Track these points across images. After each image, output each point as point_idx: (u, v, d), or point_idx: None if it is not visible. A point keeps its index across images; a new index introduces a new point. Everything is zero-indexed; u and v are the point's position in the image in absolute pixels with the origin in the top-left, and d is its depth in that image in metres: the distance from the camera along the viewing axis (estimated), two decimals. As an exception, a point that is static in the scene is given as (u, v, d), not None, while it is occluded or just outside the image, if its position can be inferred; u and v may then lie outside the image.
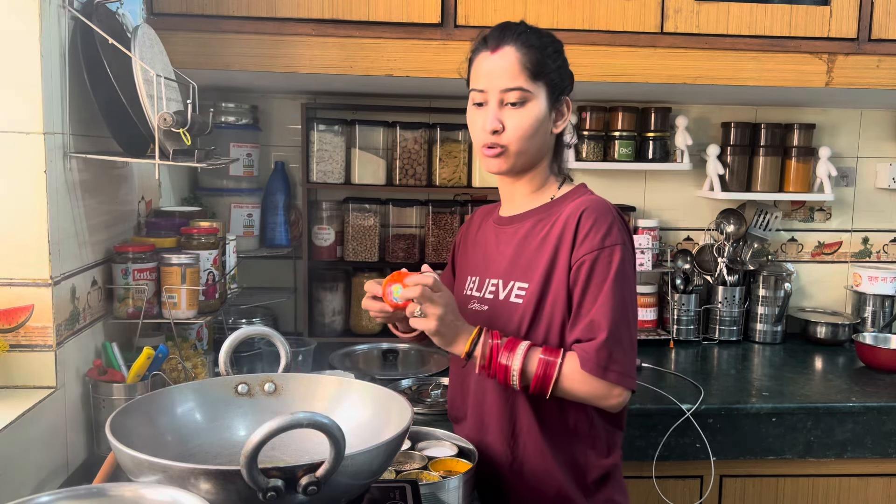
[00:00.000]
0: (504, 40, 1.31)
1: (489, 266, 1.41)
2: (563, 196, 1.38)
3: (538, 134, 1.32)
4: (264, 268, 2.35)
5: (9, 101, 1.23)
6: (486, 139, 1.32)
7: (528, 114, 1.30)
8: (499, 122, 1.30)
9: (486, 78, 1.31)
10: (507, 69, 1.30)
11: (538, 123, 1.31)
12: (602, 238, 1.27)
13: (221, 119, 2.18)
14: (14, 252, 1.25)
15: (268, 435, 0.76)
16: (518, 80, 1.30)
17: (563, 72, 1.35)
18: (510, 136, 1.31)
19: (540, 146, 1.35)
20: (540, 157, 1.37)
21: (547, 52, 1.32)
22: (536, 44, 1.31)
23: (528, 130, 1.31)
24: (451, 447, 1.35)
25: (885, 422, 1.84)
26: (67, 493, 0.82)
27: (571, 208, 1.32)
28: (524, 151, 1.33)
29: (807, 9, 1.91)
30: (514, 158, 1.33)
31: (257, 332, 1.22)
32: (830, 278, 2.56)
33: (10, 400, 1.23)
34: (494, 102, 1.31)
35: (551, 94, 1.33)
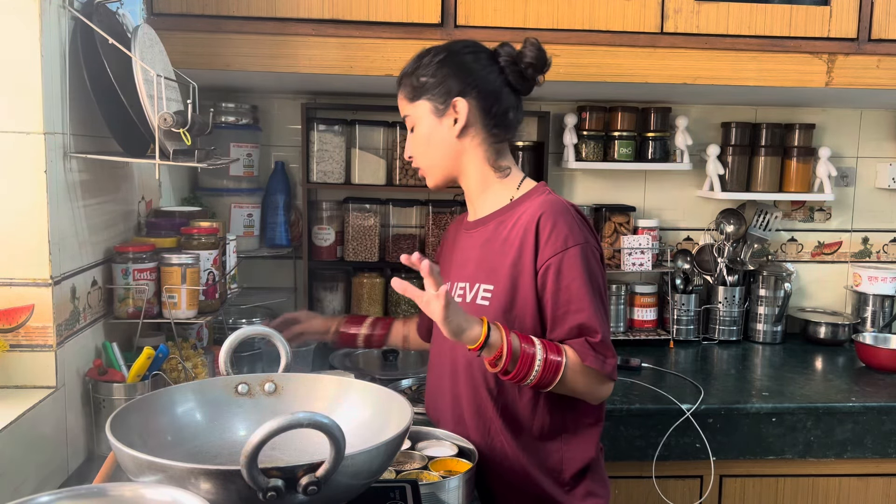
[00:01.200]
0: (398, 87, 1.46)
1: (457, 270, 1.47)
2: (522, 197, 1.41)
3: (433, 145, 1.42)
4: (264, 268, 2.35)
5: (9, 101, 1.23)
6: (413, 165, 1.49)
7: (417, 134, 1.44)
8: (407, 150, 1.48)
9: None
10: (400, 106, 1.46)
11: (427, 138, 1.42)
12: (564, 240, 1.30)
13: (221, 119, 2.18)
14: (14, 252, 1.25)
15: (268, 435, 0.76)
16: (403, 110, 1.45)
17: (443, 77, 1.39)
18: (417, 158, 1.46)
19: (445, 153, 1.43)
20: (457, 161, 1.43)
21: (417, 73, 1.41)
22: (408, 71, 1.43)
23: (420, 146, 1.44)
24: (451, 447, 1.35)
25: (885, 422, 1.84)
26: (67, 493, 0.82)
27: (530, 211, 1.35)
28: (432, 165, 1.45)
29: (807, 9, 1.91)
30: (429, 173, 1.46)
31: (257, 332, 1.22)
32: (830, 278, 2.56)
33: (10, 400, 1.23)
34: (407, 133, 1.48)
35: (434, 105, 1.40)
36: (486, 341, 1.21)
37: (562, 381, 1.27)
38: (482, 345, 1.21)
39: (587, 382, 1.30)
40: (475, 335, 1.21)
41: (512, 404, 1.37)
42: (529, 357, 1.24)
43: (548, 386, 1.27)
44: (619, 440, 1.78)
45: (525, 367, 1.24)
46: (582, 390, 1.31)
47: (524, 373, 1.25)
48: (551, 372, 1.25)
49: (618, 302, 2.36)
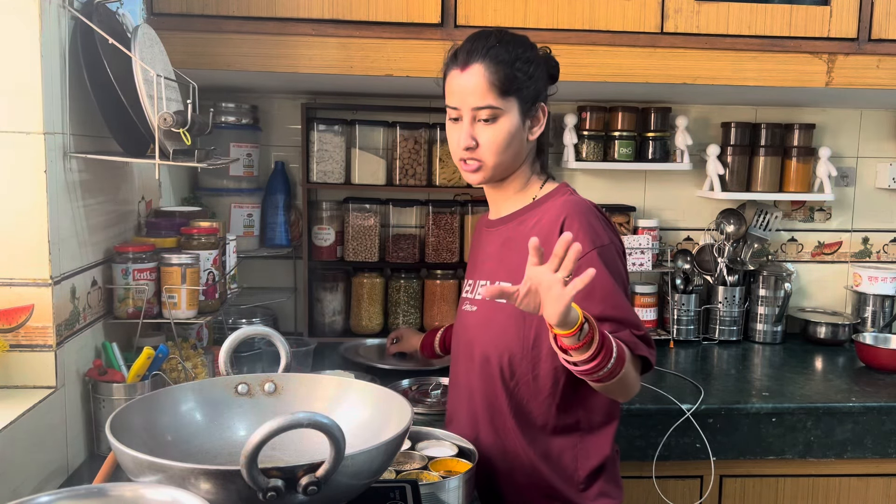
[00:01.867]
0: (472, 58, 1.33)
1: (479, 268, 1.46)
2: (545, 196, 1.41)
3: (512, 145, 1.35)
4: (264, 268, 2.35)
5: (9, 101, 1.23)
6: (462, 154, 1.37)
7: (500, 129, 1.33)
8: (472, 139, 1.34)
9: (458, 96, 1.34)
10: (476, 88, 1.32)
11: (511, 137, 1.34)
12: (590, 241, 1.29)
13: (221, 119, 2.18)
14: (14, 252, 1.25)
15: (268, 435, 0.76)
16: (487, 99, 1.32)
17: (535, 80, 1.36)
18: (484, 152, 1.35)
19: (516, 155, 1.38)
20: (518, 163, 1.40)
21: (516, 66, 1.33)
22: (505, 59, 1.32)
23: (502, 145, 1.34)
24: (451, 447, 1.35)
25: (885, 422, 1.84)
26: (67, 493, 0.82)
27: (554, 211, 1.35)
28: (500, 164, 1.36)
29: (807, 9, 1.91)
30: (490, 171, 1.37)
31: (257, 332, 1.22)
32: (830, 278, 2.56)
33: (10, 400, 1.23)
34: (467, 119, 1.34)
35: (523, 106, 1.35)
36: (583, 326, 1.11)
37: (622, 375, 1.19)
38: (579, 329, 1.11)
39: (634, 376, 1.26)
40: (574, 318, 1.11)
41: (526, 402, 1.36)
42: (610, 346, 1.16)
43: (612, 377, 1.18)
44: (619, 440, 1.77)
45: (607, 356, 1.15)
46: (629, 384, 1.25)
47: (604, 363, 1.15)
48: (620, 363, 1.17)
49: (618, 302, 2.36)
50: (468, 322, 1.44)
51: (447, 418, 1.54)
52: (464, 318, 1.46)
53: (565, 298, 1.05)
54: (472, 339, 1.42)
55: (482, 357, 1.39)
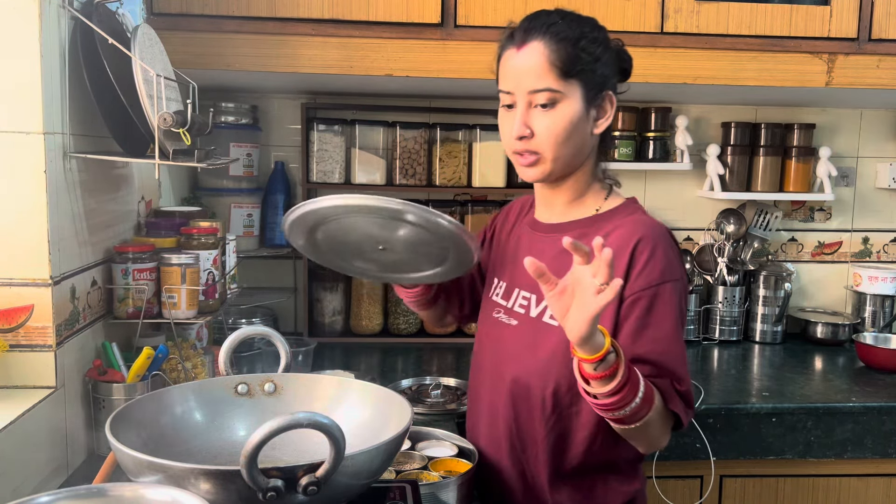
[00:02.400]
0: (531, 35, 1.17)
1: (519, 275, 1.28)
2: (612, 211, 1.25)
3: (574, 137, 1.19)
4: (264, 268, 2.35)
5: (9, 101, 1.23)
6: (516, 145, 1.21)
7: (559, 116, 1.17)
8: (526, 128, 1.18)
9: (513, 78, 1.19)
10: (534, 68, 1.16)
11: (572, 126, 1.18)
12: (661, 272, 1.15)
13: (221, 119, 2.18)
14: (14, 252, 1.25)
15: (268, 435, 0.76)
16: (546, 80, 1.16)
17: (603, 64, 1.20)
18: (541, 142, 1.18)
19: (578, 150, 1.21)
20: (579, 161, 1.24)
21: (581, 44, 1.17)
22: (569, 36, 1.17)
23: (561, 134, 1.18)
24: (451, 447, 1.35)
25: (885, 422, 1.84)
26: (67, 493, 0.82)
27: (623, 231, 1.19)
28: (559, 157, 1.20)
29: (807, 9, 1.91)
30: (550, 165, 1.20)
31: (257, 332, 1.22)
32: (830, 278, 2.56)
33: (10, 400, 1.23)
34: (522, 105, 1.19)
35: (588, 92, 1.19)
36: (607, 355, 1.01)
37: (646, 421, 1.08)
38: (602, 357, 1.00)
39: (661, 428, 1.14)
40: (599, 343, 1.01)
41: (565, 437, 1.21)
42: (636, 384, 1.05)
43: (634, 421, 1.08)
44: (619, 440, 1.78)
45: (631, 394, 1.04)
46: (653, 434, 1.14)
47: (627, 401, 1.04)
48: (646, 407, 1.07)
49: (618, 302, 2.36)
50: (503, 336, 1.28)
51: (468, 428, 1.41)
52: (496, 330, 1.29)
53: (594, 307, 0.96)
54: (507, 357, 1.26)
55: (518, 382, 1.23)
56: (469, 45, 1.83)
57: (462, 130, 2.27)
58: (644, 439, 1.15)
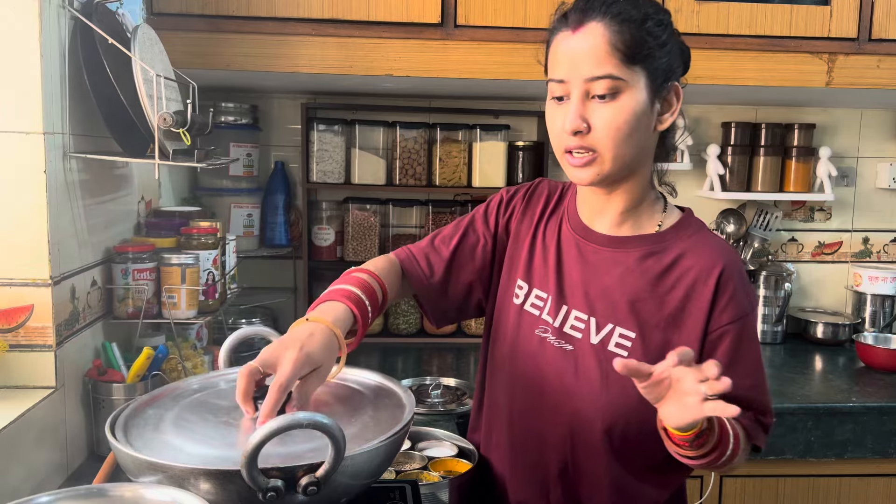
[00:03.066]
0: (589, 14, 1.03)
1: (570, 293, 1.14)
2: (675, 227, 1.14)
3: (637, 133, 1.04)
4: (264, 268, 2.35)
5: (9, 101, 1.23)
6: (568, 142, 1.05)
7: (621, 108, 1.02)
8: (582, 121, 1.03)
9: (567, 65, 1.04)
10: (593, 52, 1.01)
11: (636, 120, 1.03)
12: (747, 304, 1.09)
13: (221, 119, 2.18)
14: (14, 252, 1.25)
15: (268, 435, 0.76)
16: (607, 66, 1.01)
17: (669, 51, 1.06)
18: (600, 138, 1.03)
19: (640, 149, 1.07)
20: (639, 162, 1.09)
21: (647, 26, 1.03)
22: (633, 16, 1.02)
23: (623, 129, 1.03)
24: (451, 447, 1.35)
25: (885, 422, 1.84)
26: (67, 493, 0.82)
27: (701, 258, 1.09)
28: (620, 156, 1.04)
29: (807, 9, 1.91)
30: (608, 166, 1.05)
31: (257, 332, 1.22)
32: (831, 278, 2.56)
33: (10, 400, 1.23)
34: (578, 95, 1.03)
35: (653, 81, 1.04)
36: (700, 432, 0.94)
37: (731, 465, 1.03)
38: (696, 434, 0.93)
39: (741, 459, 1.07)
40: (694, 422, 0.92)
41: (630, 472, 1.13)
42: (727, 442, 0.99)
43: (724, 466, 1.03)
44: (619, 440, 1.78)
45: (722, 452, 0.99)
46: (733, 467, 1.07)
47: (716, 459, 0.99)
48: (734, 456, 1.01)
49: (618, 302, 2.36)
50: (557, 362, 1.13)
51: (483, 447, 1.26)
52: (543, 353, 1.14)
53: (696, 415, 0.88)
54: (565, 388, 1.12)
55: (581, 417, 1.11)
56: (469, 45, 1.83)
57: (462, 130, 2.27)
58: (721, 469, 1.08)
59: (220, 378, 1.11)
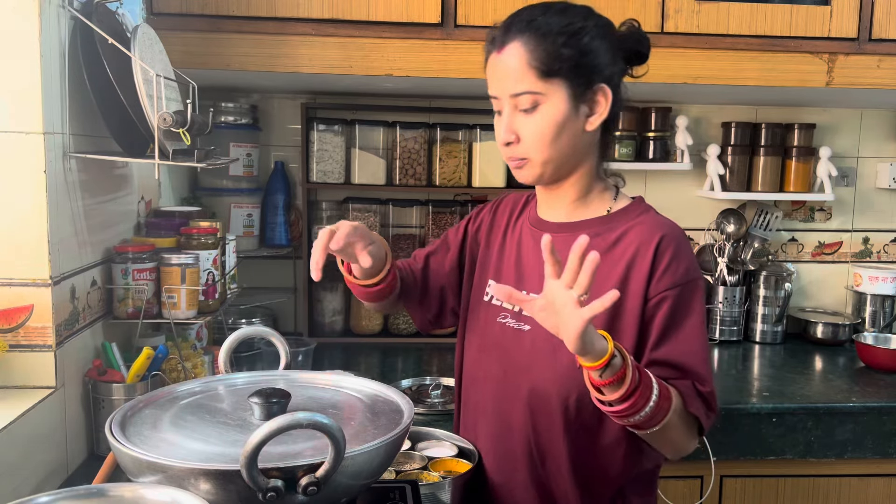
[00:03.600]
0: (509, 36, 1.13)
1: (528, 276, 1.23)
2: (624, 210, 1.22)
3: (563, 137, 1.14)
4: (264, 268, 2.35)
5: (9, 101, 1.23)
6: (505, 151, 1.18)
7: (543, 118, 1.13)
8: (512, 133, 1.15)
9: (495, 83, 1.16)
10: (513, 71, 1.13)
11: (559, 127, 1.13)
12: (684, 272, 1.14)
13: (221, 119, 2.18)
14: (14, 252, 1.25)
15: (268, 435, 0.76)
16: (525, 83, 1.12)
17: (592, 56, 1.14)
18: (527, 147, 1.15)
19: (571, 149, 1.16)
20: (578, 160, 1.19)
21: (560, 40, 1.11)
22: (549, 31, 1.11)
23: (548, 136, 1.13)
24: (451, 447, 1.35)
25: (885, 422, 1.84)
26: (67, 493, 0.82)
27: (643, 228, 1.18)
28: (549, 160, 1.15)
29: (807, 9, 1.91)
30: (540, 168, 1.16)
31: (257, 332, 1.22)
32: (831, 278, 2.56)
33: (10, 400, 1.23)
34: (507, 110, 1.15)
35: (574, 89, 1.13)
36: (611, 360, 0.97)
37: (664, 425, 1.05)
38: (606, 363, 0.97)
39: (684, 432, 1.10)
40: (601, 349, 0.96)
41: (590, 446, 1.17)
42: (648, 386, 1.01)
43: (651, 426, 1.04)
44: (619, 440, 1.78)
45: (644, 398, 1.01)
46: (675, 438, 1.10)
47: (640, 405, 1.01)
48: (663, 411, 1.03)
49: (618, 302, 2.35)
50: (515, 343, 1.21)
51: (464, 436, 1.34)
52: (504, 337, 1.22)
53: (579, 322, 0.92)
54: (523, 367, 1.19)
55: (537, 392, 1.17)
56: (469, 45, 1.83)
57: (462, 130, 2.27)
58: (667, 444, 1.12)
59: (220, 382, 1.11)
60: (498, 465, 1.25)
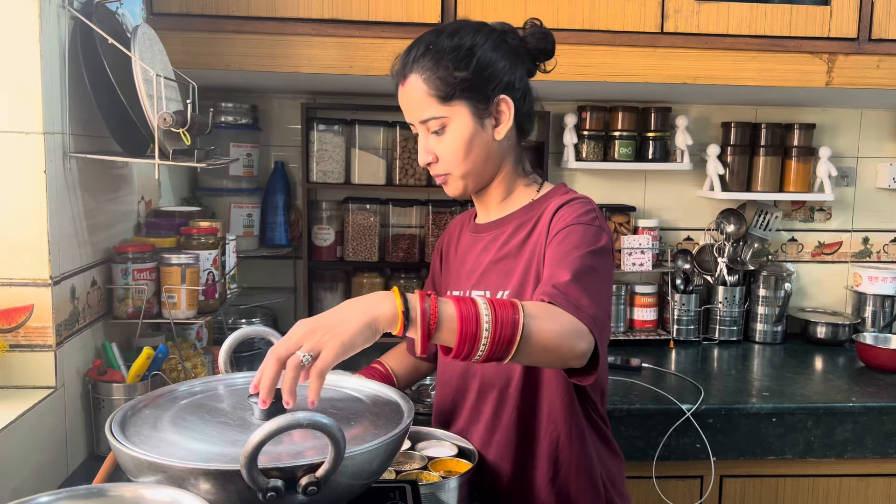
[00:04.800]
0: (406, 69, 1.24)
1: (471, 277, 1.33)
2: (545, 196, 1.31)
3: (474, 150, 1.24)
4: (264, 268, 2.35)
5: (9, 101, 1.23)
6: (429, 170, 1.30)
7: (451, 138, 1.24)
8: (429, 154, 1.27)
9: (406, 112, 1.28)
10: (416, 101, 1.23)
11: (467, 143, 1.24)
12: (577, 216, 1.19)
13: (221, 119, 2.18)
14: (14, 252, 1.25)
15: (268, 435, 0.76)
16: (428, 111, 1.23)
17: (487, 71, 1.22)
18: (445, 164, 1.26)
19: (485, 159, 1.27)
20: (495, 166, 1.29)
21: (452, 64, 1.20)
22: (440, 59, 1.21)
23: (460, 152, 1.24)
24: (451, 447, 1.35)
25: (885, 422, 1.84)
26: (67, 493, 0.82)
27: (553, 205, 1.26)
28: (468, 172, 1.26)
29: (807, 9, 1.91)
30: (461, 181, 1.28)
31: (257, 332, 1.22)
32: (830, 278, 2.56)
33: (10, 400, 1.23)
34: (423, 134, 1.27)
35: (475, 106, 1.23)
36: (408, 313, 0.93)
37: (524, 339, 0.97)
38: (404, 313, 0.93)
39: (558, 329, 1.00)
40: (388, 309, 0.93)
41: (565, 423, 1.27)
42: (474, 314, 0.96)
43: (505, 352, 0.97)
44: (619, 440, 1.77)
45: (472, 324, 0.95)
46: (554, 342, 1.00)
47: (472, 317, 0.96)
48: (507, 328, 0.96)
49: (618, 302, 2.36)
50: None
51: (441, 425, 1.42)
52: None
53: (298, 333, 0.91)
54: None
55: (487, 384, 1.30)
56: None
57: (462, 130, 2.27)
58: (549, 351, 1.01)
59: (220, 382, 1.11)
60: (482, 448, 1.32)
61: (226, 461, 0.82)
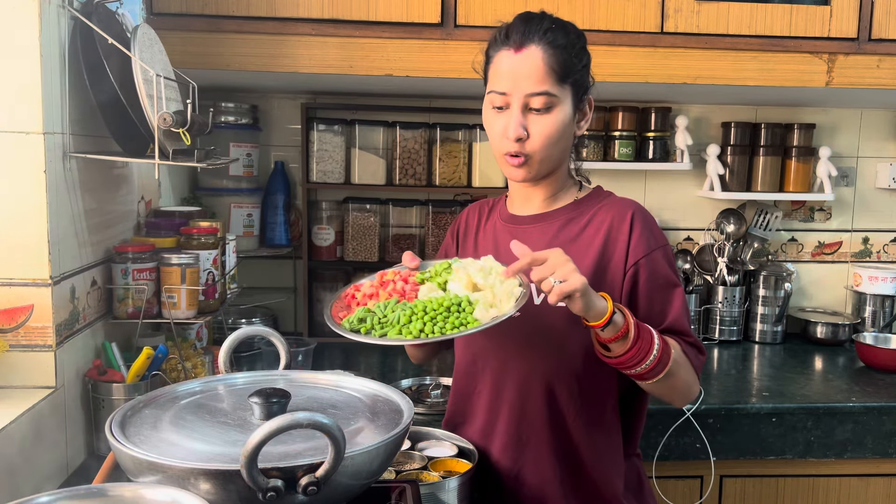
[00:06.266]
0: (529, 38, 1.20)
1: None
2: (587, 197, 1.33)
3: (563, 140, 1.25)
4: (264, 268, 2.35)
5: (9, 101, 1.23)
6: (509, 147, 1.23)
7: (553, 120, 1.22)
8: (523, 130, 1.21)
9: (510, 80, 1.21)
10: (533, 72, 1.20)
11: (563, 129, 1.24)
12: (656, 238, 1.26)
13: (221, 119, 2.18)
14: (14, 252, 1.25)
15: (268, 435, 0.76)
16: (545, 85, 1.20)
17: (586, 70, 1.27)
18: (535, 145, 1.22)
19: (563, 151, 1.28)
20: (562, 161, 1.30)
21: (574, 50, 1.23)
22: (564, 42, 1.21)
23: (554, 137, 1.23)
24: (451, 447, 1.35)
25: (885, 422, 1.84)
26: (67, 493, 0.82)
27: (611, 209, 1.29)
28: (548, 158, 1.25)
29: (807, 9, 1.91)
30: (537, 166, 1.25)
31: (257, 332, 1.22)
32: (830, 278, 2.56)
33: (10, 400, 1.23)
34: (518, 107, 1.21)
35: (576, 96, 1.25)
36: (612, 316, 1.10)
37: (668, 371, 1.15)
38: (608, 320, 1.09)
39: (685, 377, 1.21)
40: (602, 308, 1.09)
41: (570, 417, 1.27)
42: (649, 336, 1.13)
43: (658, 372, 1.15)
44: (619, 440, 1.78)
45: (646, 347, 1.12)
46: (680, 386, 1.21)
47: (643, 354, 1.12)
48: (667, 356, 1.14)
49: (618, 302, 2.36)
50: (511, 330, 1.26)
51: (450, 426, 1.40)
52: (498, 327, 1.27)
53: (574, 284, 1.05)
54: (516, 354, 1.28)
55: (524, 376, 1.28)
56: (469, 45, 1.83)
57: (462, 130, 2.27)
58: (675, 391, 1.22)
59: (220, 382, 1.11)
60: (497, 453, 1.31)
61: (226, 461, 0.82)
